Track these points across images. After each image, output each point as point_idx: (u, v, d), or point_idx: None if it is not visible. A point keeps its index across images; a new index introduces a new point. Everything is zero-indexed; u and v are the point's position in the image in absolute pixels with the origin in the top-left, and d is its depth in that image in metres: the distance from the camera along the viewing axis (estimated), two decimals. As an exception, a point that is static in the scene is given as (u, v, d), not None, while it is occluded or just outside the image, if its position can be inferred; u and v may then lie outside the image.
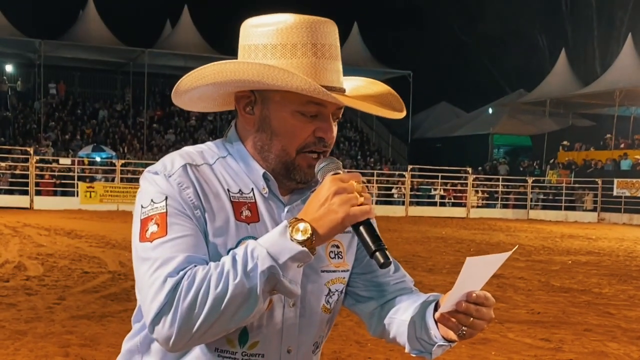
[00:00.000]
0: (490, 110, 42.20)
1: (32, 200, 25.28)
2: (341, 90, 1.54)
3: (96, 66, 39.55)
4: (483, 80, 48.52)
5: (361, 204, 1.38)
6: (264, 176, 1.55)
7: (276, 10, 1.59)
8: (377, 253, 1.39)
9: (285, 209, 1.56)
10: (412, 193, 30.67)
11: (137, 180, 27.75)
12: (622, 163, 31.59)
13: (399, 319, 1.65)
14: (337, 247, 1.63)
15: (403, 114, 1.61)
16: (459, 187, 31.68)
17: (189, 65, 39.90)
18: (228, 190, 1.52)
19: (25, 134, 34.25)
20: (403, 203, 30.27)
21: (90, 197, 25.63)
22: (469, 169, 31.34)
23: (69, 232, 16.27)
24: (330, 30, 1.53)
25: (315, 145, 1.52)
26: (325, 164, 1.49)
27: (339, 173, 1.45)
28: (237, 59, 1.55)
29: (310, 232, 1.36)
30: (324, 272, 1.59)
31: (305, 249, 1.36)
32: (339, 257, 1.63)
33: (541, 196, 32.39)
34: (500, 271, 11.96)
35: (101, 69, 40.24)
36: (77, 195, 25.87)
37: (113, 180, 27.21)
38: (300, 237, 1.36)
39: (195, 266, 1.38)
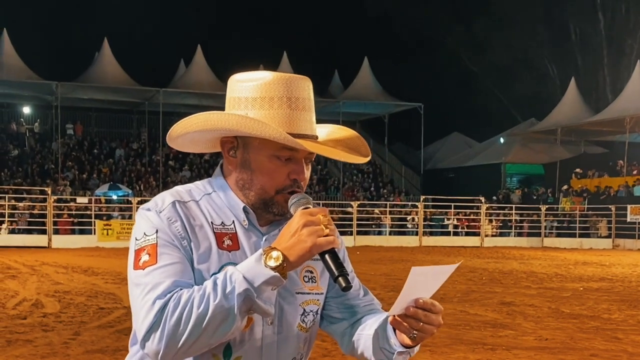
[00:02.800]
0: (502, 140, 42.33)
1: (50, 239, 25.62)
2: (313, 137, 1.78)
3: (112, 106, 40.14)
4: (494, 110, 48.73)
5: (327, 235, 1.61)
6: (244, 209, 1.78)
7: (286, 45, 1.85)
8: (340, 278, 1.61)
9: (264, 238, 1.78)
10: (425, 223, 30.76)
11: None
12: (635, 189, 31.54)
13: (365, 334, 1.86)
14: (311, 272, 1.85)
15: (367, 159, 1.85)
16: (472, 217, 31.73)
17: (203, 103, 40.44)
18: (212, 222, 1.75)
19: (43, 174, 34.73)
20: (417, 233, 30.36)
21: (108, 234, 25.95)
22: (482, 198, 31.40)
23: (85, 269, 16.53)
24: (304, 85, 1.77)
25: (292, 187, 1.75)
26: (297, 199, 1.71)
27: (308, 207, 1.68)
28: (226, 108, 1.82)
29: (281, 259, 1.58)
30: (298, 294, 1.81)
31: (277, 274, 1.58)
32: (312, 281, 1.85)
33: (555, 224, 32.33)
34: (510, 298, 12.07)
35: (117, 109, 40.82)
36: (95, 233, 26.20)
37: (130, 217, 27.52)
38: (273, 263, 1.58)
39: (181, 289, 1.60)
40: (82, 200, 28.89)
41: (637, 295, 13.01)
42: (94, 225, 26.43)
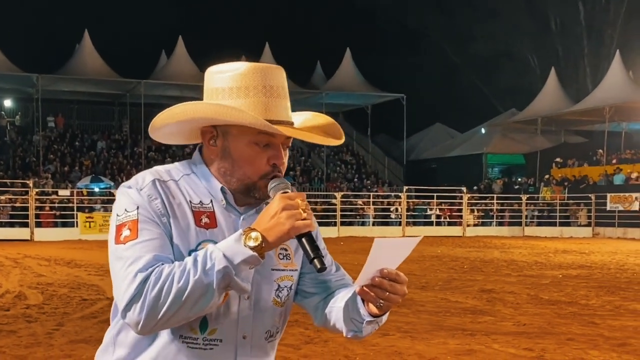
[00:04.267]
0: (484, 130, 42.57)
1: (32, 232, 25.53)
2: (289, 124, 1.85)
3: (93, 98, 39.94)
4: (475, 100, 48.98)
5: (304, 219, 1.69)
6: (222, 190, 1.86)
7: (268, 36, 1.92)
8: (315, 260, 1.70)
9: (241, 217, 1.87)
10: (408, 213, 30.93)
11: (135, 209, 28.23)
12: (615, 178, 31.87)
13: (337, 306, 1.95)
14: (286, 250, 1.94)
15: (341, 141, 1.93)
16: (454, 207, 31.94)
17: (184, 94, 40.23)
18: (190, 201, 1.83)
19: (24, 167, 34.55)
20: (400, 224, 30.52)
21: (90, 227, 25.90)
22: (464, 189, 31.61)
23: (68, 261, 16.52)
24: (278, 74, 1.85)
25: (272, 173, 1.83)
26: (276, 184, 1.80)
27: (287, 191, 1.76)
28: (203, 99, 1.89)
29: (260, 240, 1.67)
30: (273, 270, 1.89)
31: (255, 254, 1.67)
32: (287, 259, 1.94)
33: (536, 213, 32.62)
34: (490, 286, 12.22)
35: (98, 101, 40.62)
36: (77, 226, 26.13)
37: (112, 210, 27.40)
38: (252, 243, 1.66)
39: (162, 264, 1.68)
40: (64, 192, 28.76)
41: (615, 281, 13.21)
42: (77, 218, 26.35)
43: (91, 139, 39.17)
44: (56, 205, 27.45)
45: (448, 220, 31.76)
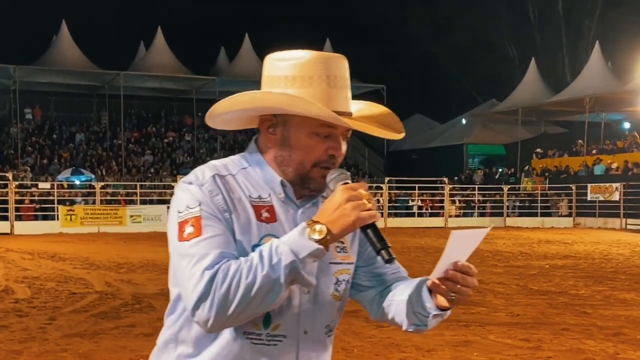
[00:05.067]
0: (464, 121, 42.72)
1: (12, 226, 25.25)
2: (349, 115, 1.83)
3: (71, 90, 39.52)
4: (455, 91, 49.13)
5: (368, 209, 1.67)
6: (282, 183, 1.83)
7: (248, 27, 1.86)
8: (382, 251, 1.68)
9: (299, 211, 1.84)
10: (390, 205, 30.98)
11: (116, 202, 28.06)
12: (595, 168, 32.15)
13: (397, 299, 1.92)
14: (342, 243, 1.91)
15: (402, 135, 1.91)
16: (436, 198, 32.04)
17: (164, 86, 40.08)
18: (249, 196, 1.80)
19: (2, 160, 34.13)
20: (381, 215, 30.56)
21: (71, 220, 25.65)
22: (446, 179, 31.71)
23: (52, 255, 16.35)
24: (341, 64, 1.82)
25: (327, 162, 1.80)
26: (336, 175, 1.77)
27: (348, 182, 1.73)
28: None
29: (325, 232, 1.64)
30: (332, 264, 1.87)
31: (321, 246, 1.64)
32: (344, 252, 1.91)
33: (517, 203, 32.82)
34: (479, 277, 12.22)
35: (77, 93, 40.20)
36: (58, 219, 25.85)
37: (93, 202, 27.24)
38: (317, 236, 1.64)
39: (228, 260, 1.65)
40: (44, 185, 28.46)
41: (601, 271, 13.32)
42: (57, 211, 26.09)
43: (69, 131, 38.81)
44: (36, 198, 27.17)
45: (430, 211, 31.87)
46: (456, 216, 31.75)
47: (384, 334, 7.34)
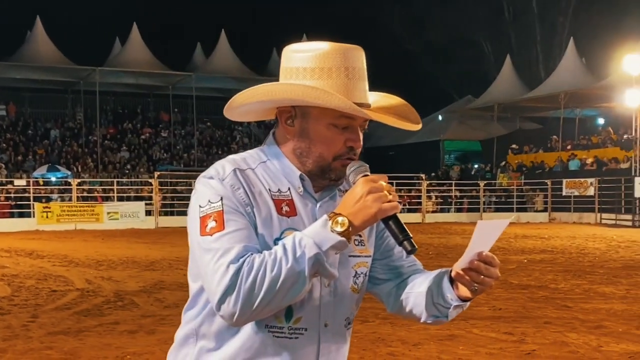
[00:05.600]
0: (440, 117, 42.91)
1: (-13, 223, 24.96)
2: (367, 106, 1.84)
3: (46, 86, 39.14)
4: (431, 87, 49.30)
5: (390, 201, 1.68)
6: (300, 177, 1.84)
7: (224, 23, 1.85)
8: (405, 242, 1.69)
9: (318, 205, 1.85)
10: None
11: (93, 198, 27.84)
12: (570, 164, 32.48)
13: (416, 292, 1.94)
14: (360, 236, 1.92)
15: (419, 126, 1.93)
16: (413, 193, 32.18)
17: (140, 82, 39.80)
18: (269, 189, 1.81)
19: (-24, 157, 33.74)
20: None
21: (47, 217, 25.38)
22: (423, 176, 31.85)
23: (30, 252, 16.19)
24: (359, 55, 1.83)
25: (348, 154, 1.81)
26: (356, 167, 1.79)
27: (367, 174, 1.75)
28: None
29: (347, 224, 1.65)
30: (351, 257, 1.88)
31: (343, 238, 1.65)
32: (361, 245, 1.92)
33: (493, 199, 33.06)
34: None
35: (51, 89, 39.80)
36: (34, 216, 25.57)
37: (70, 199, 27.00)
38: (339, 229, 1.65)
39: (252, 254, 1.66)
40: (19, 182, 28.13)
41: (579, 265, 13.48)
42: (33, 208, 25.80)
43: (44, 128, 38.42)
44: (12, 195, 26.86)
45: (407, 207, 31.98)
46: (433, 212, 31.91)
47: (369, 329, 7.38)
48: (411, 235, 1.70)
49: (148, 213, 27.28)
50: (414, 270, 2.03)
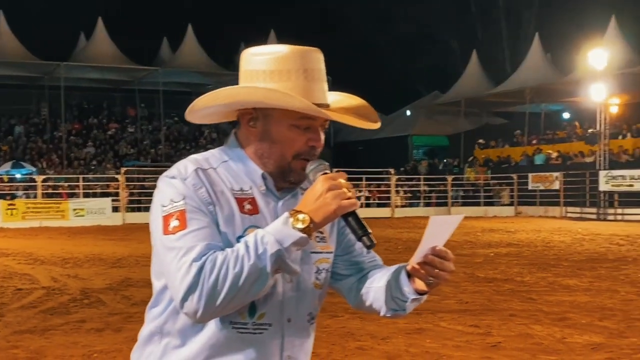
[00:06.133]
0: (408, 112, 43.13)
1: (-51, 221, 24.54)
2: (327, 106, 1.87)
3: (10, 81, 38.46)
4: (399, 82, 49.50)
5: (348, 198, 1.72)
6: (263, 176, 1.87)
7: (190, 17, 1.86)
8: (364, 237, 1.74)
9: (280, 202, 1.89)
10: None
11: (59, 195, 27.51)
12: (535, 158, 32.86)
13: (375, 286, 1.99)
14: (322, 233, 1.95)
15: (378, 125, 1.96)
16: (382, 188, 32.31)
17: (105, 77, 39.41)
18: (231, 188, 1.83)
19: (-62, 154, 33.16)
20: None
21: (12, 214, 25.02)
22: (392, 170, 32.00)
23: (-6, 251, 15.97)
24: (317, 57, 1.87)
25: (308, 153, 1.85)
26: (315, 165, 1.83)
27: (327, 172, 1.78)
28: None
29: (308, 221, 1.69)
30: (312, 253, 1.92)
31: (305, 235, 1.69)
32: (323, 241, 1.96)
33: (461, 193, 33.34)
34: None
35: (15, 84, 39.17)
36: (-2, 214, 25.22)
37: (35, 196, 26.66)
38: (300, 225, 1.69)
39: (215, 252, 1.68)
40: (-17, 179, 27.73)
41: (544, 259, 13.67)
42: (-3, 205, 25.44)
43: (8, 124, 37.93)
44: (-25, 192, 26.45)
45: (377, 201, 32.13)
46: (402, 206, 32.08)
47: (339, 324, 7.41)
48: (370, 231, 1.74)
49: (115, 209, 27.05)
50: (374, 266, 2.07)
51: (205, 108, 1.91)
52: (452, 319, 7.73)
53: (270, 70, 1.82)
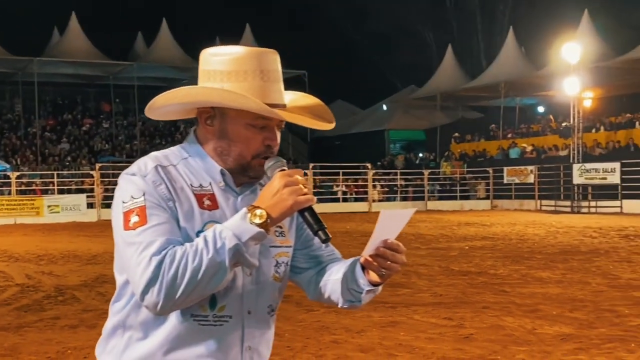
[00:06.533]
0: (385, 107, 43.26)
1: None
2: (283, 106, 1.93)
3: (-18, 78, 38.22)
4: (376, 77, 49.65)
5: (305, 194, 1.77)
6: (221, 172, 1.91)
7: (163, 11, 1.88)
8: (319, 232, 1.79)
9: (239, 198, 1.93)
10: (314, 191, 31.15)
11: (33, 192, 27.27)
12: (510, 152, 33.12)
13: (333, 279, 2.04)
14: (280, 227, 2.01)
15: (332, 125, 2.02)
16: (360, 183, 32.40)
17: (79, 72, 39.10)
18: (190, 185, 1.88)
19: None
20: (308, 200, 30.61)
21: (-15, 211, 24.84)
22: (369, 165, 32.10)
23: (-33, 248, 15.81)
24: (273, 58, 1.92)
25: (265, 152, 1.90)
26: (273, 162, 1.87)
27: (284, 169, 1.83)
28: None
29: (265, 216, 1.74)
30: (272, 247, 1.97)
31: (262, 230, 1.74)
32: (282, 235, 2.01)
33: (437, 187, 33.53)
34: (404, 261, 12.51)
35: (-12, 81, 38.90)
36: (-28, 211, 24.98)
37: (9, 193, 26.42)
38: (257, 220, 1.74)
39: (174, 246, 1.73)
40: (-44, 176, 27.43)
41: (518, 251, 13.80)
42: (-29, 203, 25.20)
43: (-19, 120, 37.50)
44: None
45: (354, 196, 32.21)
46: (380, 201, 32.18)
47: (314, 318, 7.46)
48: (325, 226, 1.80)
49: (90, 206, 26.89)
50: (333, 259, 2.12)
51: (164, 106, 1.95)
52: (425, 312, 7.80)
53: (228, 70, 1.87)
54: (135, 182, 1.82)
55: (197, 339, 1.86)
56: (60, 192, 27.83)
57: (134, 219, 1.77)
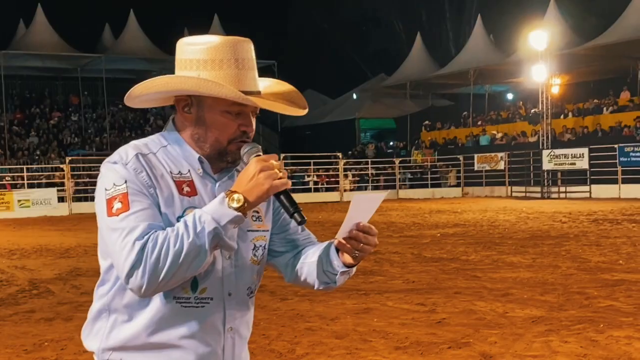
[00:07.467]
0: (355, 96, 43.33)
1: None
2: (257, 93, 2.00)
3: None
4: (346, 66, 49.67)
5: (280, 178, 1.84)
6: (199, 159, 1.99)
7: (133, 3, 1.94)
8: (295, 214, 1.88)
9: (217, 184, 2.00)
10: (286, 181, 31.08)
11: (2, 186, 26.95)
12: (481, 139, 33.41)
13: (308, 262, 2.12)
14: (257, 212, 2.09)
15: (305, 111, 2.09)
16: (331, 172, 32.48)
17: (47, 65, 38.63)
18: (170, 172, 1.95)
19: None
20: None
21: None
22: (339, 154, 32.18)
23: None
24: (247, 47, 1.99)
25: (241, 138, 1.97)
26: (249, 148, 1.95)
27: (260, 155, 1.90)
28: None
29: (242, 200, 1.82)
30: (249, 231, 2.05)
31: (239, 214, 1.82)
32: (259, 220, 2.09)
33: (408, 176, 33.72)
34: (376, 248, 12.62)
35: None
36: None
37: (-22, 188, 26.10)
38: (235, 205, 1.81)
39: (156, 231, 1.80)
40: None
41: (489, 237, 13.99)
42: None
43: (-53, 114, 36.86)
44: None
45: (326, 186, 32.27)
46: (351, 190, 32.28)
47: (288, 306, 7.53)
48: (301, 208, 1.88)
49: (61, 199, 26.66)
50: (309, 243, 2.20)
51: (142, 95, 2.01)
52: (398, 299, 7.91)
53: (204, 59, 1.93)
54: (117, 170, 1.88)
55: (180, 320, 1.93)
56: (30, 186, 27.54)
57: (117, 205, 1.83)
